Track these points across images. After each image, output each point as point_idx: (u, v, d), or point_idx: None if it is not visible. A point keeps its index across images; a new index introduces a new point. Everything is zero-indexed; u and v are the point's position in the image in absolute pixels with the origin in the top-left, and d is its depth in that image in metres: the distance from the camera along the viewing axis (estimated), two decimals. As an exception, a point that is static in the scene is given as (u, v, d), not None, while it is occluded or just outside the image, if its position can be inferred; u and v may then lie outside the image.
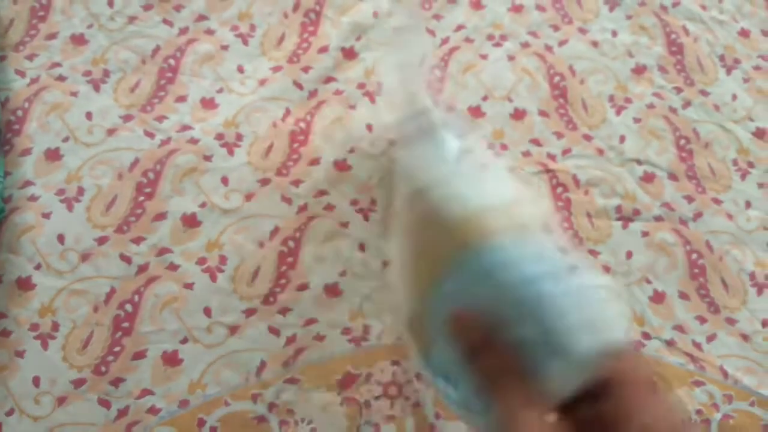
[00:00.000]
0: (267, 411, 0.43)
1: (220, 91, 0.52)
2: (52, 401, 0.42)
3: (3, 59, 0.52)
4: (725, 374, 0.47)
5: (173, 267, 0.46)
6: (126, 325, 0.45)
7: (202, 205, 0.48)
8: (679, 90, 0.57)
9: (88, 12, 0.54)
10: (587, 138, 0.54)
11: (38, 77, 0.51)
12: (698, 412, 0.45)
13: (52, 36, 0.53)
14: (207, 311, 0.45)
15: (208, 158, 0.50)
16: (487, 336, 0.32)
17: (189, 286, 0.46)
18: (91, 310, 0.45)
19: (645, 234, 0.51)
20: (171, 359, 0.44)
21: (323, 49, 0.55)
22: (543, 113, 0.54)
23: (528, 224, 0.33)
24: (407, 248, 0.36)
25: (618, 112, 0.55)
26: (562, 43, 0.58)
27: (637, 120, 0.55)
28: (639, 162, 0.53)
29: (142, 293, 0.45)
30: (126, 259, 0.46)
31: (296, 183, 0.50)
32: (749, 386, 0.47)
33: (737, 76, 0.58)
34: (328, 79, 0.54)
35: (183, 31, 0.54)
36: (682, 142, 0.55)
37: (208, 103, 0.52)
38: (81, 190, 0.48)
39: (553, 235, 0.34)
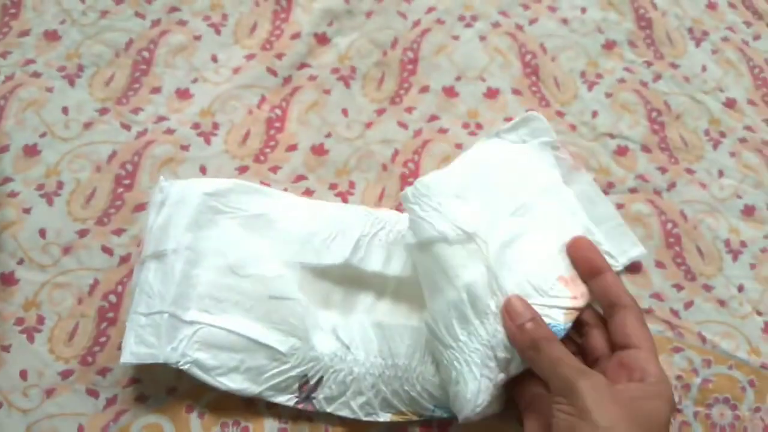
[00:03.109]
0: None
1: (194, 81, 0.53)
2: (40, 393, 0.43)
3: (-24, 58, 0.52)
4: (703, 340, 0.48)
5: (155, 256, 0.47)
6: (111, 315, 0.45)
7: (182, 194, 0.48)
8: (649, 64, 0.57)
9: (60, 8, 0.54)
10: (560, 114, 0.54)
11: (13, 74, 0.52)
12: (678, 377, 0.46)
13: (24, 33, 0.53)
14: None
15: (185, 148, 0.50)
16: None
17: (171, 274, 0.46)
18: (76, 302, 0.45)
19: (620, 206, 0.51)
20: (157, 347, 0.45)
21: (296, 36, 0.55)
22: (516, 91, 0.55)
23: None
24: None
25: (590, 88, 0.56)
26: (532, 21, 0.58)
27: (608, 95, 0.56)
28: (612, 136, 0.54)
29: (125, 284, 0.46)
30: (108, 250, 0.47)
31: (274, 169, 0.50)
32: (727, 350, 0.47)
33: (706, 48, 0.59)
34: (302, 65, 0.54)
35: (155, 23, 0.55)
36: (654, 114, 0.55)
37: (183, 94, 0.52)
38: (60, 185, 0.48)
39: None
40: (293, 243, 0.46)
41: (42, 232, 0.47)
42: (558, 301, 0.41)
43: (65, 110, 0.51)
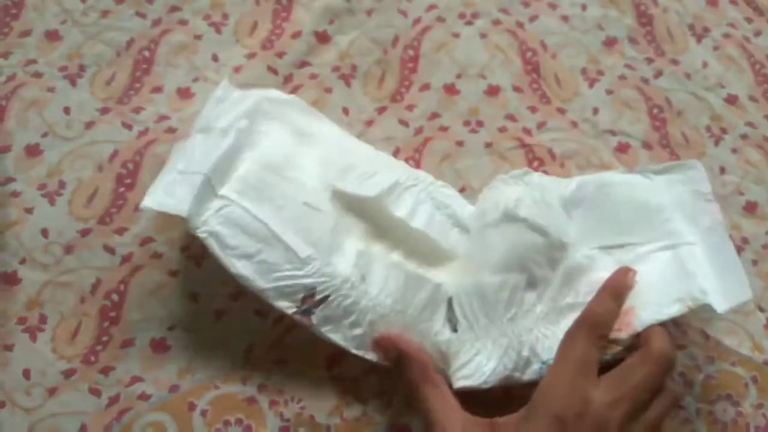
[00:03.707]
0: (257, 392, 0.44)
1: (195, 80, 0.53)
2: (43, 392, 0.43)
3: (-23, 58, 0.52)
4: (706, 336, 0.48)
5: (157, 255, 0.47)
6: (113, 314, 0.45)
7: (183, 193, 0.49)
8: (650, 60, 0.57)
9: (61, 8, 0.54)
10: (561, 111, 0.54)
11: (14, 75, 0.52)
12: (681, 374, 0.46)
13: (26, 33, 0.53)
14: (193, 297, 0.46)
15: (186, 147, 0.50)
16: None
17: (174, 273, 0.46)
18: (78, 302, 0.45)
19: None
20: (159, 346, 0.45)
21: (296, 34, 0.55)
22: (517, 89, 0.55)
23: None
24: None
25: (591, 85, 0.56)
26: (532, 18, 0.58)
27: (609, 92, 0.56)
28: (613, 133, 0.54)
29: (128, 282, 0.46)
30: (110, 249, 0.47)
31: (276, 168, 0.50)
32: (730, 347, 0.47)
33: (707, 44, 0.59)
34: (303, 64, 0.54)
35: (156, 22, 0.55)
36: (655, 111, 0.55)
37: (185, 93, 0.52)
38: (62, 184, 0.48)
39: None
40: (334, 167, 0.46)
41: (44, 232, 0.47)
42: None
43: (67, 110, 0.51)
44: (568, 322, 0.41)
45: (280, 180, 0.44)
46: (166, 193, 0.41)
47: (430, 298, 0.43)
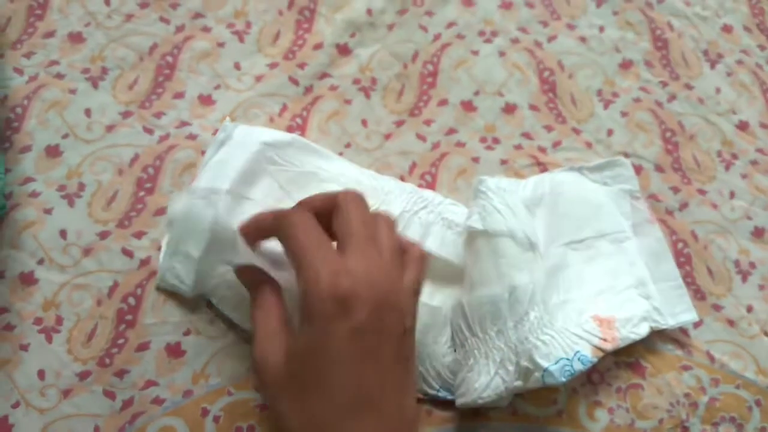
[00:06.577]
0: (269, 400, 0.44)
1: (217, 87, 0.53)
2: (57, 393, 0.43)
3: (1, 57, 0.52)
4: (712, 359, 0.48)
5: (174, 260, 0.47)
6: (129, 317, 0.45)
7: (202, 199, 0.49)
8: (664, 84, 0.58)
9: (86, 10, 0.55)
10: (576, 131, 0.55)
11: (36, 75, 0.52)
12: (686, 395, 0.47)
13: (49, 34, 0.54)
14: (209, 304, 0.46)
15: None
16: None
17: (190, 279, 0.47)
18: (95, 304, 0.45)
19: (633, 225, 0.52)
20: (174, 351, 0.45)
21: (318, 46, 0.56)
22: (533, 107, 0.56)
23: None
24: None
25: (606, 106, 0.57)
26: (551, 38, 0.59)
27: (624, 114, 0.56)
28: (626, 154, 0.54)
29: (145, 286, 0.46)
30: (128, 253, 0.47)
31: (294, 177, 0.51)
32: (735, 370, 0.48)
33: (720, 70, 0.60)
34: (323, 75, 0.55)
35: (180, 28, 0.55)
36: (668, 134, 0.56)
37: (206, 100, 0.53)
38: (82, 186, 0.49)
39: None
40: None
41: (63, 233, 0.47)
42: (588, 336, 0.42)
43: (88, 112, 0.51)
44: (560, 323, 0.42)
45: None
46: (172, 275, 0.44)
47: (431, 323, 0.44)
